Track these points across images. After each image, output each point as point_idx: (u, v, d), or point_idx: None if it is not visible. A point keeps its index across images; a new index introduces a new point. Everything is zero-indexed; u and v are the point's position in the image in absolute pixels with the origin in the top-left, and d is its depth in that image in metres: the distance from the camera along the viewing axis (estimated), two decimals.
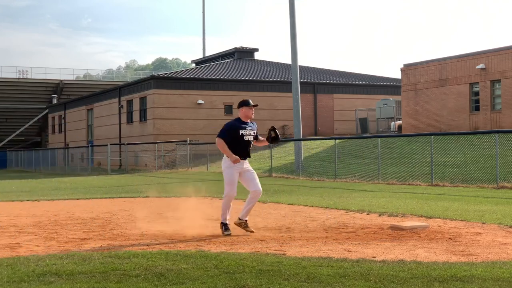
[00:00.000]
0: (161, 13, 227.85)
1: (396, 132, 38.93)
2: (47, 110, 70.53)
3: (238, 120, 9.48)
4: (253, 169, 9.66)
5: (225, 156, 9.31)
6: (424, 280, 5.80)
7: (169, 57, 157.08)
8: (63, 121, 65.20)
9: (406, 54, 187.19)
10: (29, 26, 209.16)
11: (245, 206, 9.52)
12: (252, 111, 9.50)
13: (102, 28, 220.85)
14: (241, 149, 9.32)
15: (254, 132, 9.50)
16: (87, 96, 60.60)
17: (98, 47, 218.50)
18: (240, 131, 9.31)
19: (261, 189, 9.44)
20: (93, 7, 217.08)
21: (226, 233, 9.31)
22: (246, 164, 9.44)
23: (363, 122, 45.01)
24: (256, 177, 9.49)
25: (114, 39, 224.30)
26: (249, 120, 9.55)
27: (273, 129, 9.72)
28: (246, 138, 9.37)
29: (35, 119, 71.84)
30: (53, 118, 68.86)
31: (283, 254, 7.41)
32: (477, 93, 34.45)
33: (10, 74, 73.88)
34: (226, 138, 9.25)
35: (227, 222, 9.42)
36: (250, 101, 9.66)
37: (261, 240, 8.76)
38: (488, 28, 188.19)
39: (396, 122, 40.67)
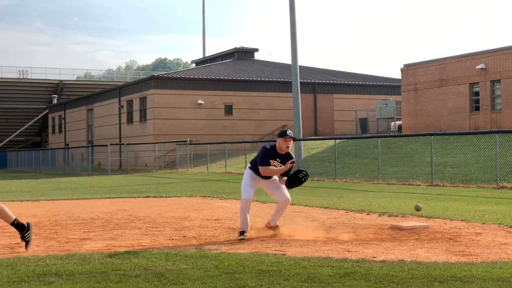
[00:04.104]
0: (161, 13, 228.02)
1: (396, 132, 38.93)
2: (47, 110, 70.52)
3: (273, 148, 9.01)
4: None
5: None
6: (424, 280, 5.80)
7: (169, 57, 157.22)
8: (63, 121, 65.19)
9: (406, 54, 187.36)
10: (18, 25, 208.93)
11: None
12: (287, 144, 8.89)
13: (103, 28, 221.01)
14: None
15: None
16: (87, 96, 60.59)
17: (98, 47, 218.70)
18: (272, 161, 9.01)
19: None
20: (93, 6, 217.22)
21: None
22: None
23: (363, 122, 45.01)
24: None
25: (114, 39, 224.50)
26: (283, 152, 9.00)
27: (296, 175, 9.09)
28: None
29: (35, 119, 71.80)
30: (53, 118, 68.85)
31: (283, 254, 7.41)
32: (477, 93, 34.44)
33: (10, 74, 73.92)
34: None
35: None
36: (288, 131, 8.98)
37: (261, 240, 8.76)
38: (488, 28, 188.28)
39: (396, 122, 40.68)
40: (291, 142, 8.94)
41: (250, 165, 9.29)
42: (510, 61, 32.49)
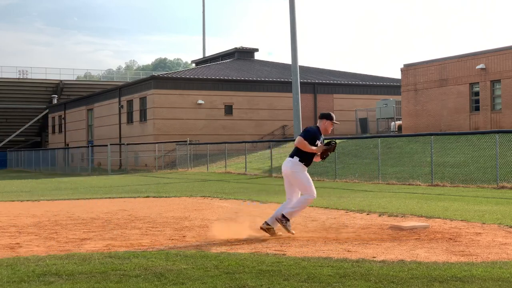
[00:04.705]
0: (161, 13, 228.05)
1: (396, 132, 38.93)
2: (47, 110, 70.52)
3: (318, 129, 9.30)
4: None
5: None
6: (424, 280, 5.80)
7: (169, 57, 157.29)
8: (63, 121, 65.19)
9: (406, 54, 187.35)
10: (18, 25, 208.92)
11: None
12: (332, 126, 9.36)
13: (103, 28, 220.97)
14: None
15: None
16: (87, 96, 60.60)
17: (98, 47, 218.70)
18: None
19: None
20: (93, 6, 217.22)
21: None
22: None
23: (363, 122, 45.01)
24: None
25: (114, 39, 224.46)
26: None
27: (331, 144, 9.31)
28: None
29: (35, 119, 71.81)
30: (53, 118, 68.86)
31: (283, 254, 7.41)
32: (477, 93, 34.44)
33: (10, 74, 73.92)
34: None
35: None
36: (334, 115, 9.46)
37: (261, 240, 8.77)
38: (488, 28, 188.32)
39: (396, 122, 40.68)
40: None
41: (299, 158, 9.11)
42: (510, 61, 32.49)
